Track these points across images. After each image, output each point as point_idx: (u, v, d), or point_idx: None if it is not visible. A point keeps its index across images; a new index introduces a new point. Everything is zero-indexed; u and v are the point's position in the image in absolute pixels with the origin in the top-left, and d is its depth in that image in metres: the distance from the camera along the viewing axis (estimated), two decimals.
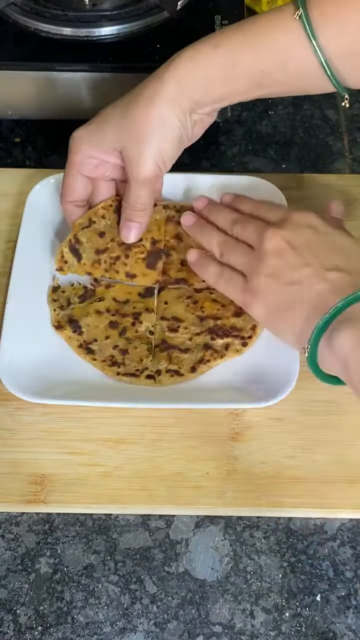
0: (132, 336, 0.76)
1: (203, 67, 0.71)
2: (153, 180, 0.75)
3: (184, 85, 0.71)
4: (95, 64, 0.87)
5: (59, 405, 0.73)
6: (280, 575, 0.67)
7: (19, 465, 0.71)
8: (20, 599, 0.66)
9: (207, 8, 0.90)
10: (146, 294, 0.79)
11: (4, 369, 0.73)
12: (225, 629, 0.65)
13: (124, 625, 0.65)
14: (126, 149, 0.74)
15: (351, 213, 0.86)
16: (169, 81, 0.71)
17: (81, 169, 0.76)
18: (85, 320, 0.77)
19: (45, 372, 0.74)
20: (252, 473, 0.70)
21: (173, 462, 0.71)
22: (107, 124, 0.75)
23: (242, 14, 0.90)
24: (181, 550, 0.68)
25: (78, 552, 0.68)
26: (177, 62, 0.72)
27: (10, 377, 0.72)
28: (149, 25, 0.89)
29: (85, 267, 0.79)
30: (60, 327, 0.77)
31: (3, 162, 0.94)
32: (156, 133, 0.73)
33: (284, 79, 0.71)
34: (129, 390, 0.74)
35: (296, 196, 0.85)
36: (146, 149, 0.73)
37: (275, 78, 0.71)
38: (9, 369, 0.73)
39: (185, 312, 0.77)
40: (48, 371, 0.74)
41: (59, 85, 0.90)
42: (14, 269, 0.79)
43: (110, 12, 0.90)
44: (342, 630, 0.65)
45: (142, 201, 0.76)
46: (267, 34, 0.70)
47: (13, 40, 0.89)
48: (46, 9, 0.90)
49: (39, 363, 0.75)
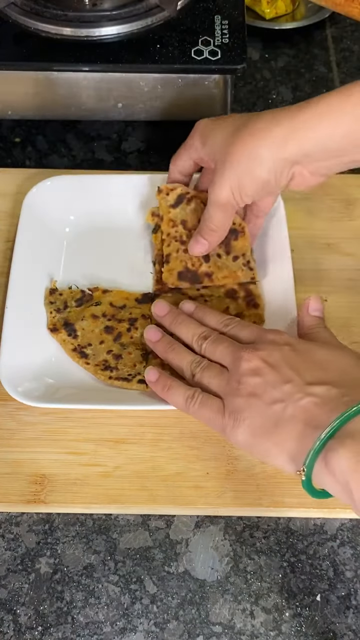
0: (127, 342, 0.76)
1: (327, 113, 0.67)
2: (227, 207, 0.73)
3: (297, 132, 0.68)
4: (95, 64, 0.87)
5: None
6: (280, 575, 0.67)
7: (19, 465, 0.71)
8: (20, 599, 0.66)
9: (207, 8, 0.91)
10: (143, 300, 0.79)
11: (4, 373, 0.73)
12: (225, 629, 0.65)
13: (124, 625, 0.65)
14: (217, 166, 0.72)
15: (351, 213, 0.87)
16: (287, 117, 0.68)
17: (191, 153, 0.77)
18: (81, 324, 0.77)
19: (45, 375, 0.74)
20: (252, 473, 0.70)
21: (173, 462, 0.71)
22: (220, 132, 0.73)
23: (242, 14, 0.90)
24: (181, 550, 0.68)
25: (78, 552, 0.68)
26: (299, 106, 0.68)
27: (11, 382, 0.72)
28: (149, 25, 0.89)
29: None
30: (55, 330, 0.77)
31: (3, 162, 0.94)
32: (243, 166, 0.70)
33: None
34: (129, 392, 0.73)
35: (296, 196, 0.85)
36: (228, 175, 0.71)
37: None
38: (10, 373, 0.73)
39: None
40: (48, 374, 0.74)
41: (59, 85, 0.90)
42: (12, 272, 0.79)
43: (110, 12, 0.90)
44: (342, 630, 0.65)
45: (213, 221, 0.75)
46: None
47: (13, 40, 0.89)
48: (46, 9, 0.90)
49: (39, 366, 0.75)
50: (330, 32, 1.07)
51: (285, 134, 0.68)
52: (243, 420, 0.64)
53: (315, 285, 0.81)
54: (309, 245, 0.84)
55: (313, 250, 0.84)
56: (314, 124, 0.67)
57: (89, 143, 0.96)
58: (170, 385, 0.70)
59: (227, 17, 0.89)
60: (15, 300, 0.77)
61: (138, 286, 0.81)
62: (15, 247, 0.81)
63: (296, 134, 0.68)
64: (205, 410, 0.67)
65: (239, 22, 0.89)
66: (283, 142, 0.68)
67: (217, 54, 0.86)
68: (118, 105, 0.92)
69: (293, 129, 0.68)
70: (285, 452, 0.62)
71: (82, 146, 0.95)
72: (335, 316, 0.78)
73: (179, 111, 0.91)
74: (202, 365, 0.69)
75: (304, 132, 0.68)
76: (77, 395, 0.73)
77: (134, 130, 0.96)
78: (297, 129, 0.68)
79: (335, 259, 0.83)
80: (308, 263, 0.83)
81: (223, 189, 0.72)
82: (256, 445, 0.64)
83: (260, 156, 0.69)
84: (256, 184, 0.71)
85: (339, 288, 0.81)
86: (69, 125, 0.97)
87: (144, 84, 0.90)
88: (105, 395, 0.73)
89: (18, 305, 0.77)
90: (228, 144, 0.71)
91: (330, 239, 0.85)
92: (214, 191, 0.73)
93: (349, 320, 0.79)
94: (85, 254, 0.83)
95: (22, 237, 0.81)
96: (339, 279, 0.82)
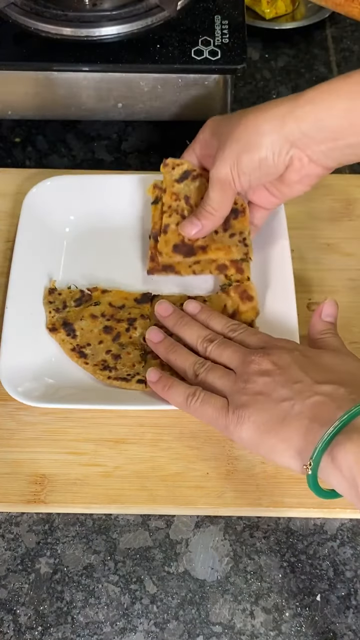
0: (126, 342, 0.76)
1: (327, 92, 0.68)
2: (225, 186, 0.73)
3: (296, 110, 0.69)
4: (95, 64, 0.87)
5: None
6: (280, 575, 0.67)
7: (19, 465, 0.71)
8: (20, 599, 0.66)
9: (207, 8, 0.91)
10: (142, 300, 0.79)
11: (4, 373, 0.73)
12: (225, 629, 0.65)
13: (124, 625, 0.65)
14: (219, 145, 0.73)
15: (351, 213, 0.87)
16: (290, 99, 0.69)
17: (195, 146, 0.78)
18: (80, 324, 0.77)
19: (45, 375, 0.74)
20: (252, 473, 0.70)
21: (173, 462, 0.71)
22: (228, 120, 0.74)
23: (242, 14, 0.90)
24: (181, 550, 0.68)
25: (78, 552, 0.68)
26: (310, 90, 0.69)
27: (11, 382, 0.72)
28: (149, 25, 0.89)
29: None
30: (54, 330, 0.77)
31: (3, 162, 0.94)
32: (243, 142, 0.71)
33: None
34: (129, 392, 0.73)
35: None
36: (228, 152, 0.71)
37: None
38: (10, 373, 0.73)
39: None
40: (48, 374, 0.74)
41: (59, 85, 0.90)
42: (12, 272, 0.79)
43: (110, 12, 0.90)
44: (342, 630, 0.65)
45: (211, 203, 0.75)
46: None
47: (13, 40, 0.89)
48: (46, 9, 0.90)
49: (39, 366, 0.75)
50: (330, 32, 1.07)
51: (285, 112, 0.69)
52: (248, 417, 0.64)
53: (315, 285, 0.81)
54: (309, 245, 0.84)
55: (313, 250, 0.84)
56: (313, 102, 0.69)
57: (89, 143, 0.96)
58: (171, 384, 0.70)
59: (227, 17, 0.89)
60: (15, 301, 0.77)
61: (137, 286, 0.81)
62: (15, 247, 0.81)
63: (295, 111, 0.69)
64: (207, 407, 0.67)
65: (239, 22, 0.89)
66: (282, 120, 0.69)
67: (217, 54, 0.86)
68: (118, 105, 0.92)
69: (293, 107, 0.69)
70: (292, 448, 0.62)
71: (82, 146, 0.95)
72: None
73: (179, 111, 0.91)
74: (206, 366, 0.69)
75: (302, 110, 0.69)
76: (77, 395, 0.73)
77: (134, 130, 0.96)
78: (297, 107, 0.69)
79: (336, 259, 0.83)
80: (308, 263, 0.83)
81: (223, 166, 0.72)
82: (261, 442, 0.64)
83: (260, 131, 0.70)
84: (254, 162, 0.71)
85: (339, 288, 0.81)
86: (69, 125, 0.97)
87: (144, 84, 0.90)
88: (105, 395, 0.73)
89: (18, 306, 0.77)
90: (233, 125, 0.72)
91: (330, 239, 0.85)
92: (214, 168, 0.73)
93: (349, 320, 0.78)
94: (85, 254, 0.83)
95: (22, 237, 0.81)
96: (339, 279, 0.82)
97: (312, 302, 0.80)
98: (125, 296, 0.79)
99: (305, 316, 0.78)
